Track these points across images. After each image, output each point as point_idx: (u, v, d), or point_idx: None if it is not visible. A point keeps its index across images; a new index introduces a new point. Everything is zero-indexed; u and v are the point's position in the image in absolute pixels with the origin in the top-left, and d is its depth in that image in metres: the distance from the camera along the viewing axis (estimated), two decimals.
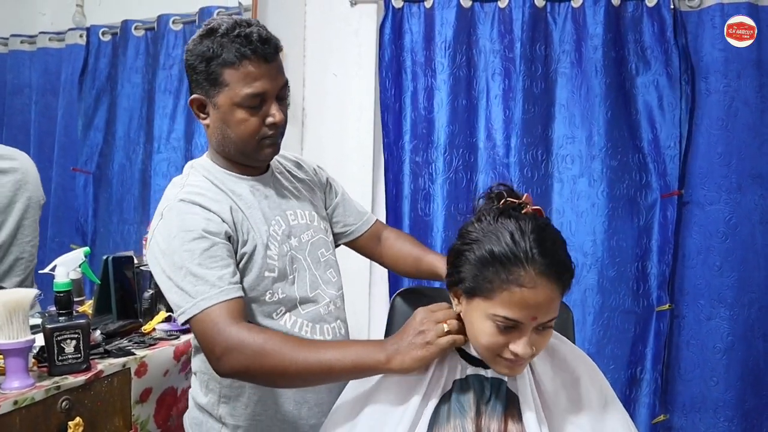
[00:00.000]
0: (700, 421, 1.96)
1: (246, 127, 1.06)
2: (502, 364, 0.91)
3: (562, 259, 0.88)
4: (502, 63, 2.11)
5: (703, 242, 1.95)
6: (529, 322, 0.87)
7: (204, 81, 1.05)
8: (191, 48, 1.06)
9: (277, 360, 0.96)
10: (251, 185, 1.14)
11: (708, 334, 1.94)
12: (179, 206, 1.05)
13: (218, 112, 1.06)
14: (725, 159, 1.91)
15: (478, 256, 0.89)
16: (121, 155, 2.45)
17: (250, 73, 1.03)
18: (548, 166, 2.10)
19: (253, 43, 1.03)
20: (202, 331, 0.99)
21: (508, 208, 0.92)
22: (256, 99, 1.04)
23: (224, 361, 0.97)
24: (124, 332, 1.52)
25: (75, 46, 2.56)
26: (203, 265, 1.00)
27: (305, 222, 1.20)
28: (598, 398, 0.98)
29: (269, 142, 1.10)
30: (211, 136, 1.12)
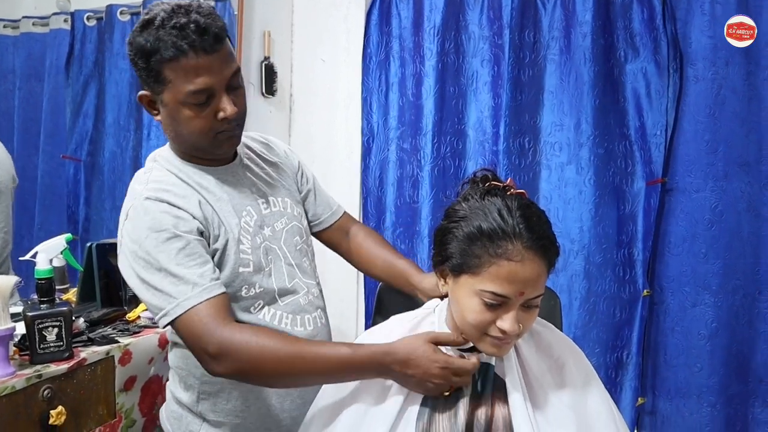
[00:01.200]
0: (684, 406, 1.96)
1: (196, 125, 0.99)
2: (488, 342, 0.91)
3: (547, 234, 0.89)
4: (491, 49, 2.09)
5: (689, 229, 1.94)
6: (516, 298, 0.87)
7: (147, 77, 0.97)
8: (131, 41, 0.97)
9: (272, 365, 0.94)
10: (218, 177, 1.07)
11: (693, 321, 1.94)
12: (146, 205, 0.98)
13: (166, 109, 0.99)
14: (712, 146, 1.89)
15: (466, 233, 0.89)
16: (111, 142, 2.42)
17: (190, 68, 0.94)
18: (536, 153, 2.09)
19: (189, 35, 0.93)
20: (190, 332, 0.94)
21: (493, 188, 0.94)
22: (202, 95, 0.96)
23: (220, 362, 0.94)
24: (108, 320, 1.50)
25: (59, 30, 2.51)
26: (182, 264, 0.95)
27: (278, 210, 1.14)
28: (581, 381, 0.98)
29: (226, 136, 1.03)
30: (165, 132, 1.05)
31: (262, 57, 2.27)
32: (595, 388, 0.99)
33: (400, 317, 1.08)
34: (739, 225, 1.87)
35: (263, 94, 2.26)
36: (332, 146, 2.30)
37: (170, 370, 1.17)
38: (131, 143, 2.40)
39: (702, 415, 1.94)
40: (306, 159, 1.35)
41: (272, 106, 2.31)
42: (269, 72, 2.26)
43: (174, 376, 1.16)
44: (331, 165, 2.30)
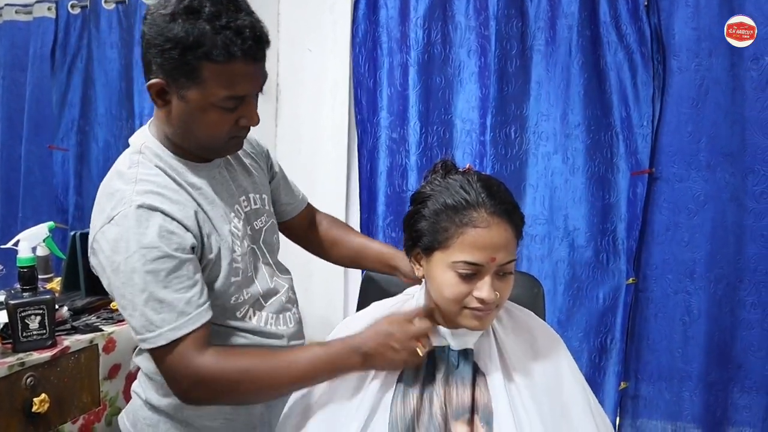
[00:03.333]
0: (666, 390, 1.98)
1: (216, 128, 0.92)
2: (469, 315, 0.92)
3: (509, 200, 0.93)
4: (478, 40, 2.08)
5: (672, 218, 1.95)
6: (489, 264, 0.89)
7: (174, 69, 0.87)
8: (160, 24, 0.86)
9: (250, 388, 0.91)
10: (208, 175, 0.99)
11: (675, 307, 1.95)
12: (138, 214, 0.87)
13: (185, 105, 0.89)
14: (695, 137, 1.90)
15: (433, 210, 0.92)
16: (105, 132, 2.40)
17: (235, 73, 0.87)
18: (522, 143, 2.08)
19: (247, 40, 0.86)
20: (166, 363, 0.89)
21: (454, 170, 0.98)
22: (235, 101, 0.90)
23: (191, 394, 0.91)
24: (92, 308, 1.48)
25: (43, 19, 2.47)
26: (169, 288, 0.86)
27: (258, 207, 1.07)
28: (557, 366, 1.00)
29: (237, 141, 0.97)
30: (165, 124, 0.95)
31: None
32: (571, 372, 1.00)
33: (380, 303, 1.09)
34: (722, 214, 1.88)
35: None
36: (319, 137, 2.29)
37: (140, 373, 1.07)
38: (124, 132, 2.37)
39: (683, 399, 1.97)
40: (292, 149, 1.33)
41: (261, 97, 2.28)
42: None
43: (147, 381, 1.05)
44: (317, 155, 2.28)
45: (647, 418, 2.02)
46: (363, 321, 1.03)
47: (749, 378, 1.90)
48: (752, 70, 1.82)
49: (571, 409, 0.96)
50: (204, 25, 0.84)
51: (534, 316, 1.09)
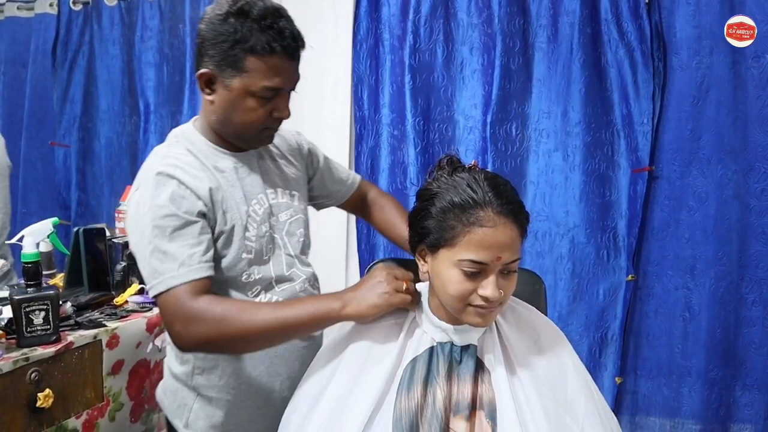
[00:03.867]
0: (665, 385, 1.99)
1: (253, 116, 1.03)
2: (472, 312, 0.92)
3: (515, 199, 0.92)
4: (480, 37, 2.07)
5: (672, 215, 1.95)
6: (494, 263, 0.89)
7: (222, 60, 1.00)
8: (214, 22, 1.00)
9: (237, 325, 0.96)
10: (235, 162, 1.10)
11: (675, 304, 1.96)
12: (156, 180, 1.00)
13: (229, 93, 1.02)
14: (695, 134, 1.90)
15: (439, 208, 0.92)
16: (107, 128, 2.40)
17: (274, 66, 1.00)
18: (524, 140, 2.09)
19: (286, 39, 1.00)
20: (164, 309, 0.98)
21: (459, 167, 0.97)
22: (271, 92, 1.02)
23: (185, 334, 0.97)
24: (95, 304, 1.48)
25: (45, 15, 2.47)
26: (173, 242, 0.97)
27: (285, 201, 1.17)
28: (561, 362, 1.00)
29: (269, 133, 1.09)
30: (210, 113, 1.07)
31: None
32: (575, 368, 1.00)
33: None
34: (724, 211, 1.88)
35: None
36: (320, 133, 2.28)
37: (168, 345, 1.18)
38: (127, 129, 2.39)
39: (681, 395, 1.97)
40: None
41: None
42: None
43: (171, 350, 1.17)
44: None
45: (646, 414, 2.03)
46: None
47: (751, 375, 1.90)
48: (753, 68, 1.82)
49: (575, 404, 0.96)
50: (251, 24, 0.98)
51: (537, 312, 1.09)
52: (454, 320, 0.96)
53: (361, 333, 1.00)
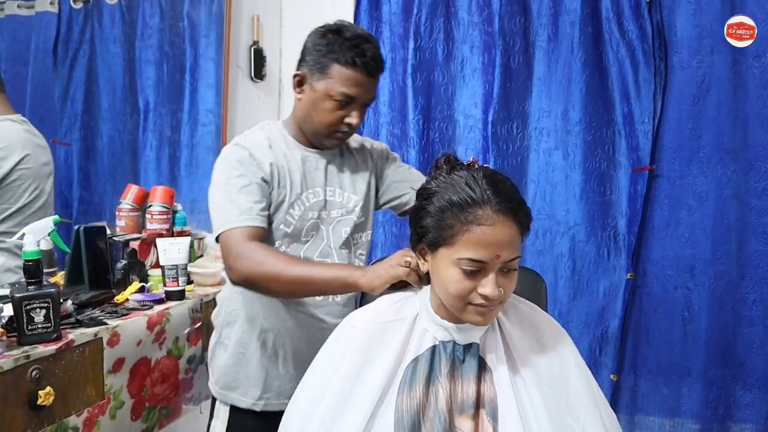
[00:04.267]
0: (664, 384, 1.99)
1: (328, 117, 1.22)
2: (472, 311, 0.92)
3: (515, 197, 0.91)
4: (481, 36, 2.07)
5: (672, 215, 1.95)
6: (493, 261, 0.88)
7: (314, 65, 1.20)
8: (315, 34, 1.22)
9: (272, 268, 1.12)
10: (305, 155, 1.29)
11: (675, 303, 1.96)
12: (233, 149, 1.25)
13: (313, 94, 1.21)
14: (696, 134, 1.90)
15: (438, 206, 0.91)
16: (108, 127, 2.39)
17: (352, 77, 1.19)
18: (524, 138, 2.09)
19: (366, 57, 1.19)
20: (223, 245, 1.17)
21: (458, 165, 0.96)
22: (346, 99, 1.20)
23: (235, 267, 1.15)
24: (96, 302, 1.47)
25: (45, 13, 2.46)
26: (239, 196, 1.18)
27: (340, 201, 1.31)
28: (563, 361, 0.99)
29: (339, 136, 1.26)
30: (297, 109, 1.28)
31: (251, 41, 2.25)
32: (578, 367, 1.00)
33: (387, 297, 1.08)
34: (724, 211, 1.88)
35: (252, 78, 2.24)
36: None
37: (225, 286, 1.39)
38: (128, 127, 2.37)
39: (681, 395, 1.98)
40: None
41: (261, 91, 2.28)
42: (258, 56, 2.24)
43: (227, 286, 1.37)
44: None
45: (645, 414, 2.03)
46: (369, 315, 1.03)
47: (751, 375, 1.90)
48: (754, 67, 1.82)
49: (576, 404, 0.95)
50: (342, 41, 1.19)
51: (539, 310, 1.08)
52: (456, 319, 0.96)
53: (363, 330, 1.00)
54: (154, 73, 2.32)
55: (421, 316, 1.01)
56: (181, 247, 1.61)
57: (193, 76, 2.26)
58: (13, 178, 1.75)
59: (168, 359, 1.53)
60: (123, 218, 1.89)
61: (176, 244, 1.62)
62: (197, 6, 2.25)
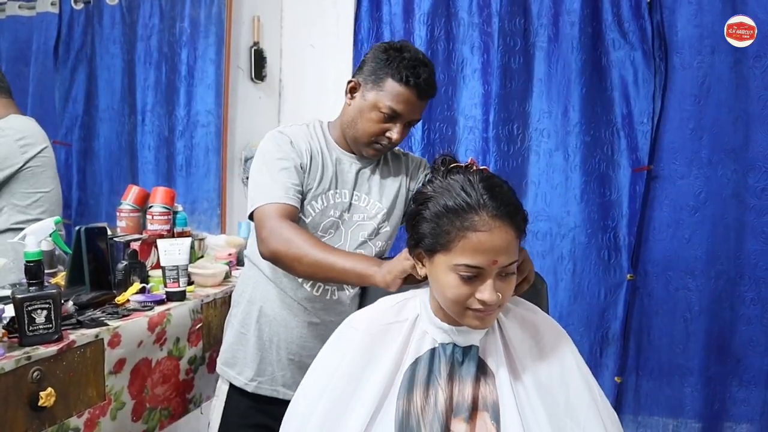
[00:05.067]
0: (666, 385, 2.00)
1: (371, 127, 1.25)
2: (471, 316, 0.91)
3: (512, 201, 0.91)
4: (481, 36, 2.08)
5: (673, 215, 1.96)
6: (490, 267, 0.88)
7: (369, 75, 1.26)
8: (378, 48, 1.28)
9: (297, 249, 1.15)
10: (340, 157, 1.33)
11: (676, 304, 1.97)
12: (277, 134, 1.30)
13: (363, 102, 1.26)
14: (697, 134, 1.91)
15: (434, 212, 0.91)
16: (106, 128, 2.37)
17: (401, 94, 1.22)
18: (524, 139, 2.09)
19: (420, 78, 1.23)
20: (258, 219, 1.22)
21: (455, 168, 0.95)
22: (392, 114, 1.24)
23: (264, 243, 1.19)
24: (97, 303, 1.46)
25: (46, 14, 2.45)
26: (280, 173, 1.23)
27: (365, 206, 1.34)
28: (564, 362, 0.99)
29: (378, 147, 1.29)
30: (344, 114, 1.32)
31: (252, 42, 2.24)
32: (578, 369, 1.00)
33: (387, 299, 1.08)
34: (723, 211, 1.88)
35: (252, 79, 2.23)
36: None
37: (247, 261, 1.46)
38: (126, 128, 2.35)
39: (684, 395, 1.98)
40: None
41: (261, 92, 2.28)
42: (258, 57, 2.24)
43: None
44: None
45: (648, 414, 2.03)
46: (370, 316, 1.03)
47: (748, 372, 1.91)
48: (755, 67, 1.82)
49: (577, 407, 0.95)
50: (401, 59, 1.23)
51: (540, 311, 1.08)
52: (455, 322, 0.96)
53: (364, 332, 1.00)
54: (154, 74, 2.31)
55: (421, 317, 1.01)
56: (182, 248, 1.60)
57: (193, 77, 2.25)
58: (38, 164, 1.86)
59: (169, 360, 1.53)
60: (123, 219, 1.88)
61: (177, 245, 1.61)
62: (197, 7, 2.24)
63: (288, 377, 1.36)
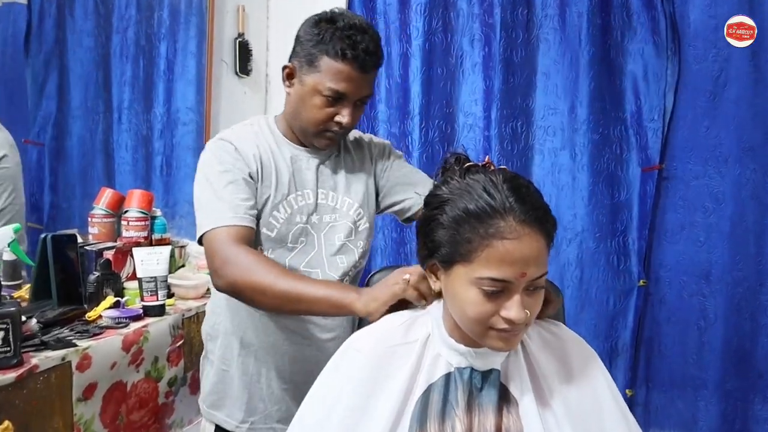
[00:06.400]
0: (678, 398, 1.91)
1: (316, 114, 1.14)
2: (495, 337, 0.81)
3: (541, 204, 0.81)
4: (481, 28, 1.99)
5: (687, 217, 1.87)
6: (518, 280, 0.77)
7: (303, 57, 1.13)
8: (308, 23, 1.15)
9: (261, 279, 1.02)
10: (295, 153, 1.21)
11: (690, 311, 1.88)
12: (217, 143, 1.17)
13: (302, 88, 1.14)
14: (712, 131, 1.82)
15: (452, 217, 0.81)
16: (79, 126, 2.29)
17: (341, 72, 1.10)
18: (529, 138, 2.00)
19: (358, 50, 1.09)
20: (207, 247, 1.09)
21: (472, 167, 0.86)
22: (335, 95, 1.12)
23: (220, 273, 1.06)
24: (65, 320, 1.37)
25: (14, 4, 2.33)
26: (226, 190, 1.11)
27: (332, 205, 1.23)
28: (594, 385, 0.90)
29: (329, 136, 1.17)
30: (286, 104, 1.21)
31: (236, 33, 2.17)
32: (612, 396, 0.91)
33: (395, 316, 0.97)
34: (742, 213, 1.80)
35: (237, 73, 2.16)
36: None
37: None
38: (101, 126, 2.28)
39: (697, 408, 1.89)
40: None
41: (247, 87, 2.21)
42: (243, 50, 2.17)
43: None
44: None
45: (659, 429, 1.94)
46: (375, 337, 0.92)
47: None
48: None
49: None
50: (334, 30, 1.10)
51: (564, 327, 0.98)
52: (473, 342, 0.86)
53: (368, 355, 0.89)
54: (131, 69, 2.22)
55: (433, 338, 0.90)
56: (161, 257, 1.54)
57: (173, 72, 2.17)
58: None
59: (146, 382, 1.44)
60: (96, 225, 1.81)
61: (155, 254, 1.55)
62: None
63: (284, 410, 1.23)
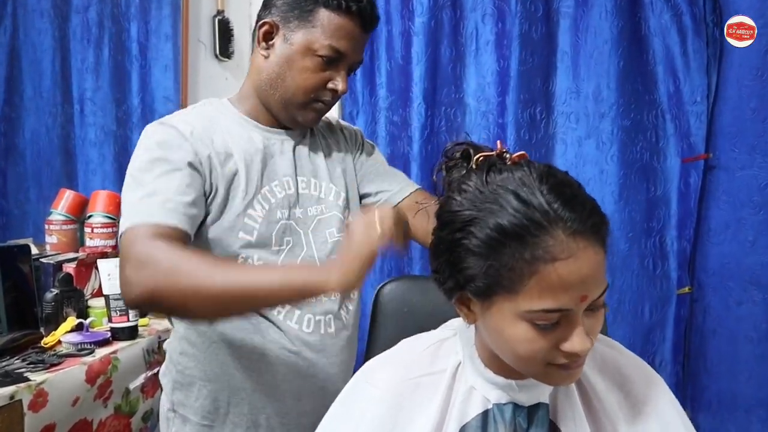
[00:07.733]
0: (729, 420, 1.86)
1: (308, 78, 1.05)
2: (554, 373, 0.72)
3: (591, 205, 0.69)
4: (495, 2, 1.95)
5: (733, 214, 1.82)
6: (578, 306, 0.67)
7: (290, 11, 1.04)
8: None
9: (190, 279, 0.86)
10: (266, 136, 1.11)
11: (738, 321, 1.83)
12: (155, 128, 1.05)
13: (288, 48, 1.05)
14: (760, 115, 1.78)
15: (483, 240, 0.68)
16: (33, 120, 2.21)
17: (344, 27, 1.03)
18: (549, 125, 1.97)
19: (363, 7, 1.04)
20: (120, 251, 0.95)
21: (487, 163, 0.73)
22: (333, 56, 1.04)
23: (131, 280, 0.89)
24: (16, 348, 1.29)
25: None
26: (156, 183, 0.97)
27: (316, 194, 1.14)
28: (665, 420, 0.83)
29: (319, 107, 1.09)
30: (260, 72, 1.09)
31: (215, 11, 2.12)
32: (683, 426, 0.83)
33: (413, 341, 0.90)
34: None
35: (217, 56, 2.11)
36: None
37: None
38: (59, 120, 2.20)
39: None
40: None
41: (228, 72, 2.16)
42: (224, 30, 2.12)
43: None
44: None
45: None
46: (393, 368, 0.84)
47: None
48: None
49: None
50: None
51: (619, 346, 0.91)
52: (514, 373, 0.77)
53: (386, 391, 0.82)
54: (93, 54, 2.15)
55: (464, 367, 0.82)
56: None
57: (145, 57, 2.11)
58: None
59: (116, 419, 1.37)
60: (54, 233, 1.75)
61: None
62: None
63: None
